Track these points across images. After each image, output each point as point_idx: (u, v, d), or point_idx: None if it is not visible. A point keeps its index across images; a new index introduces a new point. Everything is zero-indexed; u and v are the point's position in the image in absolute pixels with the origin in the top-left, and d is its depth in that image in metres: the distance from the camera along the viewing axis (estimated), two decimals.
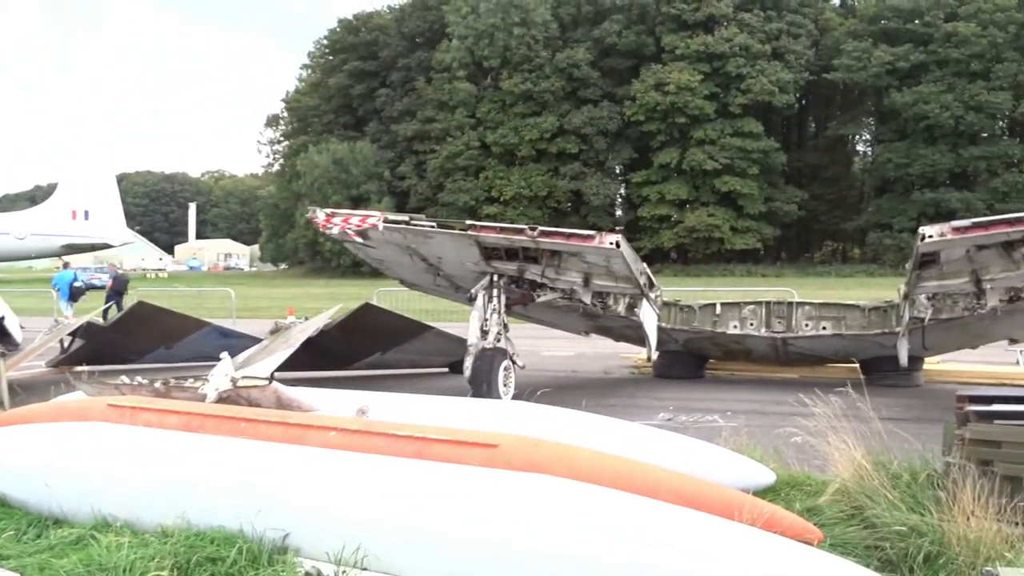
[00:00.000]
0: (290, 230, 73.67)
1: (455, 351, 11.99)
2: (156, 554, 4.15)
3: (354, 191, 66.04)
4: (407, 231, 9.17)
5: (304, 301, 31.91)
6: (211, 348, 12.81)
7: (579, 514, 4.03)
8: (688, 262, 64.26)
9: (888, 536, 4.21)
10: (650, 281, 10.09)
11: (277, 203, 77.92)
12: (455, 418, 5.86)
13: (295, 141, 77.92)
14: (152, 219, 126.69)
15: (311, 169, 67.27)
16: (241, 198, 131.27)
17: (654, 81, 62.47)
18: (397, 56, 73.27)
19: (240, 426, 5.60)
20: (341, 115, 76.78)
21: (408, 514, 4.31)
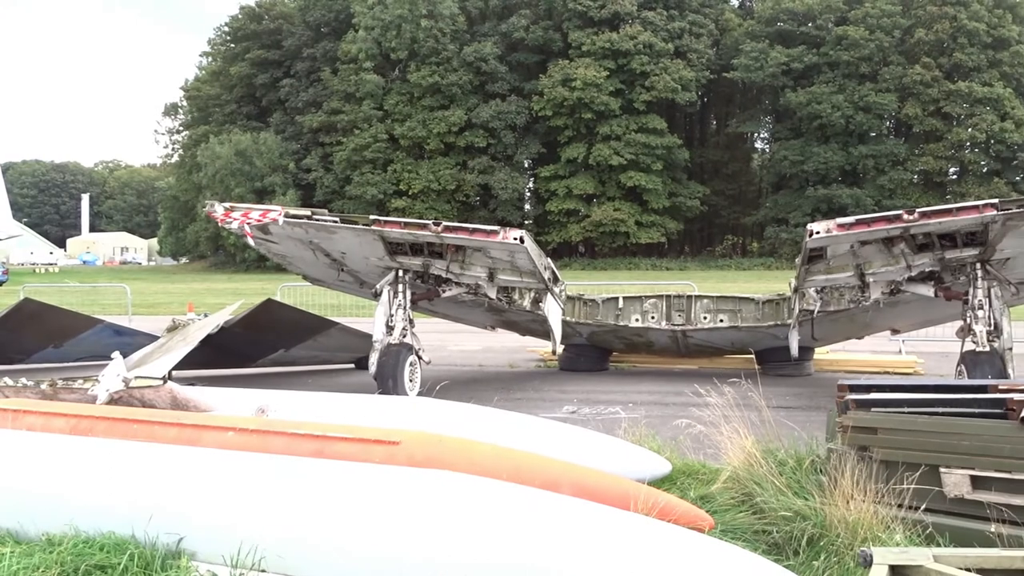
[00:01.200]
0: (191, 223, 71.20)
1: (360, 347, 11.88)
2: (41, 563, 3.99)
3: (258, 183, 64.36)
4: (309, 226, 9.02)
5: (206, 297, 31.00)
6: (104, 347, 12.29)
7: (479, 509, 4.08)
8: (595, 256, 65.29)
9: (775, 521, 4.41)
10: (554, 275, 10.23)
11: (177, 195, 75.19)
12: (358, 416, 5.83)
13: (195, 131, 75.26)
14: (41, 211, 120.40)
15: (212, 160, 65.17)
16: (138, 189, 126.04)
17: (561, 77, 63.09)
18: (302, 46, 71.61)
19: (132, 428, 5.43)
20: (244, 105, 74.62)
21: (308, 514, 4.27)
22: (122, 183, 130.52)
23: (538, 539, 3.70)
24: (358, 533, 4.00)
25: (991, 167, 63.48)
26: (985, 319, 8.26)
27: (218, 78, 76.53)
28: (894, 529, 4.08)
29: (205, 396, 6.20)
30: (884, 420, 4.63)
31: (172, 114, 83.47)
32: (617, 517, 3.89)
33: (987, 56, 61.32)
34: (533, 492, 4.22)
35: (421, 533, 3.90)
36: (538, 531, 3.76)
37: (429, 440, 4.89)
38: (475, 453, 4.74)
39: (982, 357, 8.06)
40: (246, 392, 6.59)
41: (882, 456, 4.53)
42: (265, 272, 52.87)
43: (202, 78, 79.53)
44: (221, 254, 69.66)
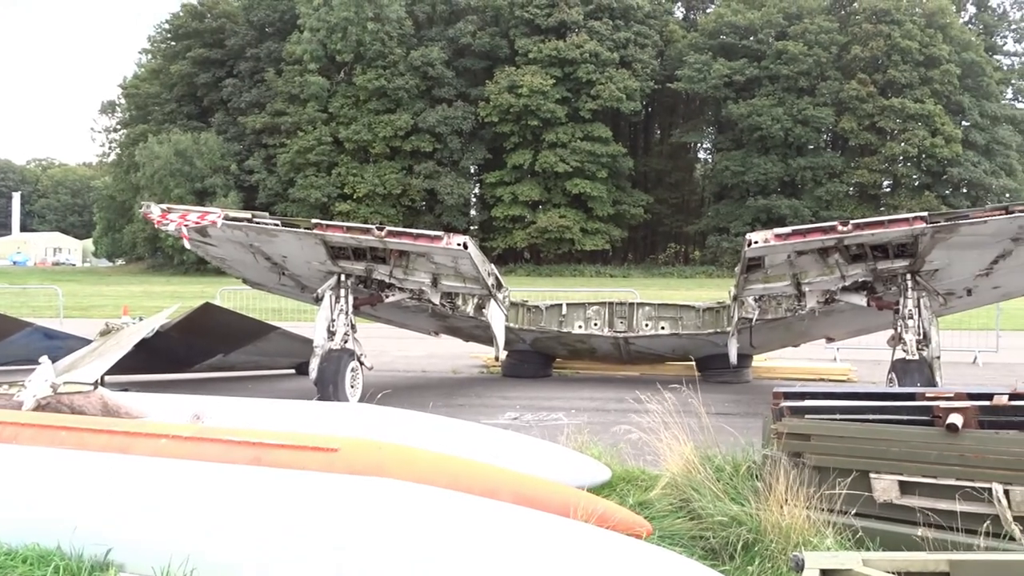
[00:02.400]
0: (128, 224, 69.31)
1: (301, 352, 11.69)
2: None
3: (198, 184, 63.10)
4: (249, 229, 8.87)
5: (143, 300, 30.24)
6: (34, 351, 11.88)
7: (418, 517, 4.05)
8: (540, 262, 65.59)
9: (711, 526, 4.48)
10: (498, 282, 10.24)
11: (113, 195, 73.18)
12: (296, 422, 5.75)
13: (133, 130, 73.36)
14: None
15: (151, 160, 63.62)
16: (72, 189, 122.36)
17: (507, 83, 63.30)
18: (245, 45, 70.48)
19: (60, 435, 5.26)
20: (184, 104, 73.05)
21: (244, 523, 4.19)
22: (56, 182, 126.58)
23: (477, 547, 3.70)
24: (296, 542, 3.94)
25: (922, 181, 65.66)
26: (915, 328, 8.53)
27: (158, 76, 74.81)
28: (825, 533, 4.17)
29: (137, 402, 6.04)
30: (817, 427, 4.73)
31: (109, 112, 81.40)
32: (556, 524, 3.91)
33: (919, 74, 63.47)
34: (473, 500, 4.21)
35: (360, 542, 3.86)
36: (477, 539, 3.76)
37: (369, 447, 4.85)
38: (415, 460, 4.71)
39: (911, 365, 8.31)
40: (181, 398, 6.44)
41: (815, 462, 4.63)
42: (205, 275, 51.82)
43: (141, 76, 77.65)
44: (159, 256, 68.02)
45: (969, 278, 9.14)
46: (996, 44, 75.08)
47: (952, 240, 7.98)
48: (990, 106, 66.75)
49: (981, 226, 7.67)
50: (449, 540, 3.81)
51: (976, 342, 15.14)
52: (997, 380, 10.98)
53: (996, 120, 66.98)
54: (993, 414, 4.38)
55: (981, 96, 66.43)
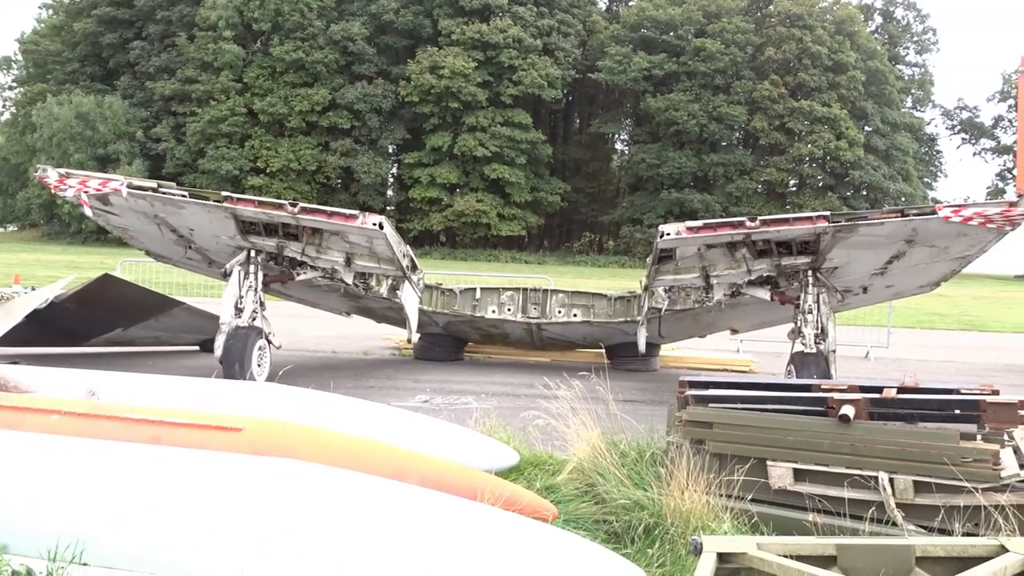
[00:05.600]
0: (22, 188, 65.73)
1: (206, 328, 11.36)
2: None
3: (100, 150, 60.37)
4: (155, 199, 8.53)
5: (37, 269, 28.80)
6: None
7: (323, 498, 4.01)
8: (456, 246, 65.43)
9: (615, 510, 4.57)
10: (413, 263, 10.16)
11: (7, 157, 69.17)
12: (198, 401, 5.58)
13: (31, 88, 69.48)
14: None
15: (50, 122, 60.46)
16: None
17: (429, 63, 62.70)
18: (156, 7, 67.56)
19: None
20: (88, 65, 69.64)
21: (142, 504, 4.05)
22: None
23: (382, 529, 3.69)
24: (197, 524, 3.84)
25: (826, 182, 68.42)
26: (814, 323, 8.88)
27: (59, 33, 71.05)
28: (723, 518, 4.32)
29: (27, 376, 5.76)
30: (719, 415, 4.88)
31: (5, 68, 76.88)
32: (463, 507, 3.93)
33: (827, 78, 65.94)
34: (379, 481, 4.19)
35: (264, 523, 3.79)
36: (383, 521, 3.74)
37: (273, 427, 4.76)
38: (321, 441, 4.65)
39: (809, 358, 8.66)
40: (75, 373, 6.16)
41: (715, 449, 4.78)
42: (106, 245, 49.68)
43: (41, 32, 73.59)
44: (56, 223, 64.88)
45: (865, 277, 9.57)
46: (899, 54, 78.67)
47: (851, 240, 8.33)
48: (891, 113, 70.09)
49: (878, 227, 8.04)
50: (355, 521, 3.78)
51: (869, 338, 15.91)
52: (887, 374, 11.54)
53: (896, 127, 70.40)
54: (882, 406, 4.60)
55: (883, 103, 69.61)
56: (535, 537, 3.61)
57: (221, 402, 5.52)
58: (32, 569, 3.59)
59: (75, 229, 60.25)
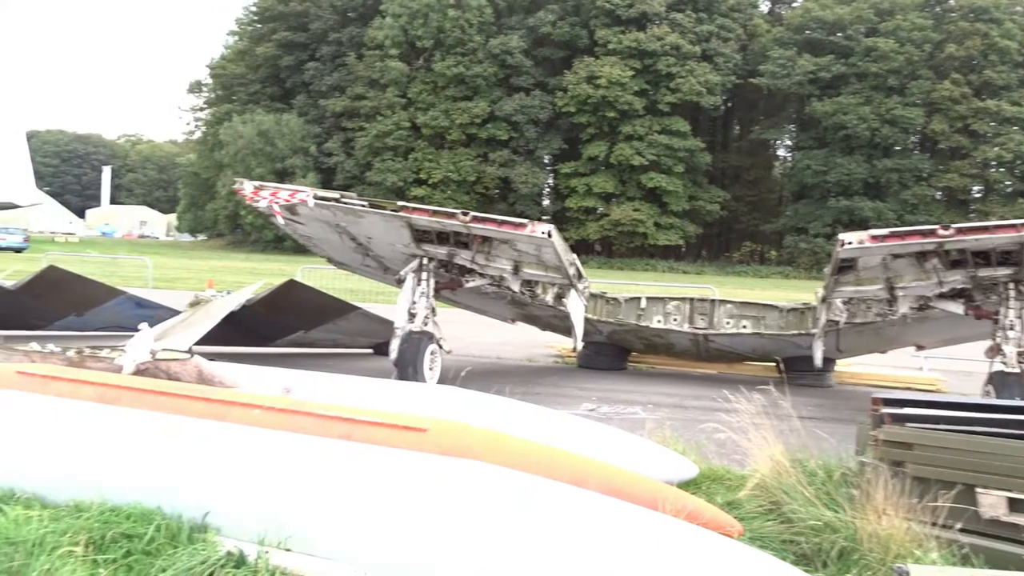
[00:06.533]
0: (210, 200, 71.52)
1: (380, 332, 11.87)
2: (68, 529, 3.98)
3: (279, 164, 64.55)
4: (337, 209, 9.00)
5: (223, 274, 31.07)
6: (126, 318, 12.34)
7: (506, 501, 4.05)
8: (612, 255, 65.13)
9: (804, 531, 4.36)
10: (579, 272, 10.18)
11: (198, 172, 75.53)
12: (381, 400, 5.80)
13: (219, 109, 75.57)
14: (63, 180, 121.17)
15: (235, 139, 65.39)
16: (159, 164, 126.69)
17: (586, 74, 62.92)
18: (328, 29, 71.74)
19: (159, 400, 5.42)
20: (268, 86, 74.80)
21: (335, 496, 4.26)
22: (144, 157, 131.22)
23: (567, 535, 3.67)
24: (384, 518, 3.98)
25: (1016, 187, 62.95)
26: (1016, 340, 8.16)
27: (244, 57, 76.77)
28: (928, 547, 4.02)
29: (230, 372, 6.20)
30: (919, 436, 4.56)
31: (196, 91, 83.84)
32: (648, 518, 3.86)
33: (1018, 75, 60.73)
34: (562, 487, 4.19)
35: (446, 521, 3.88)
36: (567, 527, 3.73)
37: (456, 429, 4.87)
38: (503, 444, 4.71)
39: (1011, 378, 7.96)
40: (270, 371, 6.58)
41: (916, 472, 4.46)
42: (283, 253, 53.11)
43: (228, 57, 79.78)
44: (239, 233, 69.97)
45: None
46: None
47: None
48: None
49: None
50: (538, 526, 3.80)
51: None
52: None
53: None
54: None
55: None
56: (726, 553, 3.50)
57: (401, 402, 5.72)
58: (244, 551, 3.85)
59: (255, 238, 64.73)
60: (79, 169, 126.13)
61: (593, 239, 64.99)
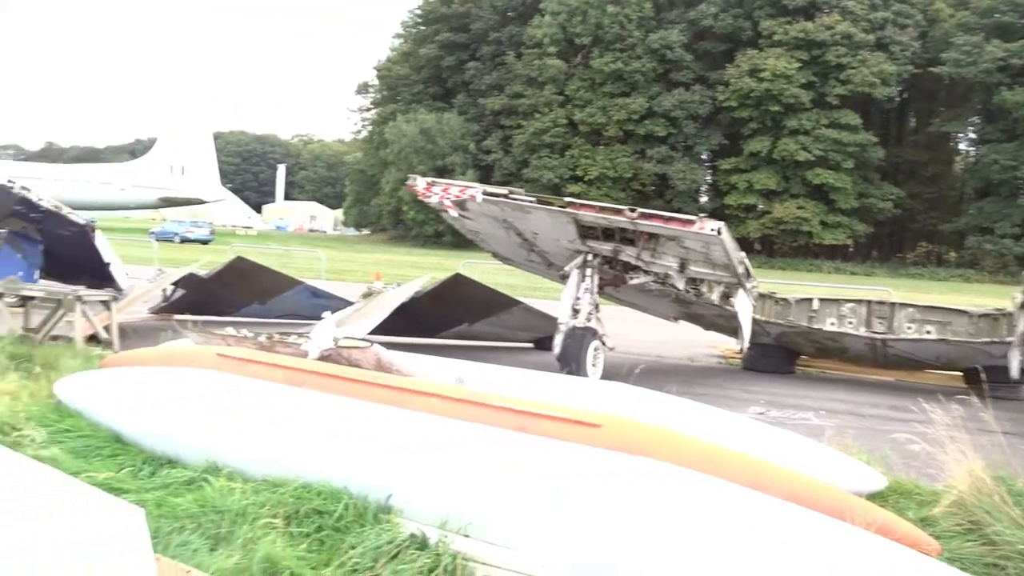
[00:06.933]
0: (375, 196, 74.82)
1: (541, 327, 11.99)
2: (267, 502, 4.25)
3: (439, 162, 66.54)
4: (505, 205, 9.15)
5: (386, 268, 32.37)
6: (302, 307, 13.13)
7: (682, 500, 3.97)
8: (773, 254, 62.71)
9: (1011, 556, 4.02)
10: (747, 271, 9.84)
11: (364, 169, 79.15)
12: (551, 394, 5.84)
13: (384, 109, 78.80)
14: (243, 178, 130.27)
15: (398, 138, 68.01)
16: (328, 162, 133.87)
17: (749, 67, 60.90)
18: (488, 29, 73.23)
19: (343, 384, 5.71)
20: (430, 85, 77.27)
21: (510, 486, 4.32)
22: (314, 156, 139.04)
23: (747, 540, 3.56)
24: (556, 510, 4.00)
25: None
26: None
27: (408, 59, 79.65)
28: None
29: (406, 361, 6.43)
30: None
31: (364, 93, 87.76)
32: (837, 528, 3.68)
33: None
34: (742, 491, 4.07)
35: (619, 517, 3.85)
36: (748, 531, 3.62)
37: (631, 426, 4.83)
38: (677, 443, 4.63)
39: None
40: (443, 361, 6.78)
41: None
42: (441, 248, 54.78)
43: (393, 59, 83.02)
44: (400, 228, 72.74)
45: None
46: None
47: None
48: None
49: None
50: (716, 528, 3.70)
51: None
52: None
53: None
54: None
55: None
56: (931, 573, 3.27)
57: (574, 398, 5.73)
58: (425, 534, 3.98)
59: (415, 233, 67.12)
60: (257, 167, 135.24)
61: (753, 237, 62.81)
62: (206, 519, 4.12)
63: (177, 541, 3.86)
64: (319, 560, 3.78)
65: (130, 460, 5.09)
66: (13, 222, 13.23)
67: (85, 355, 8.31)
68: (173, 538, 3.89)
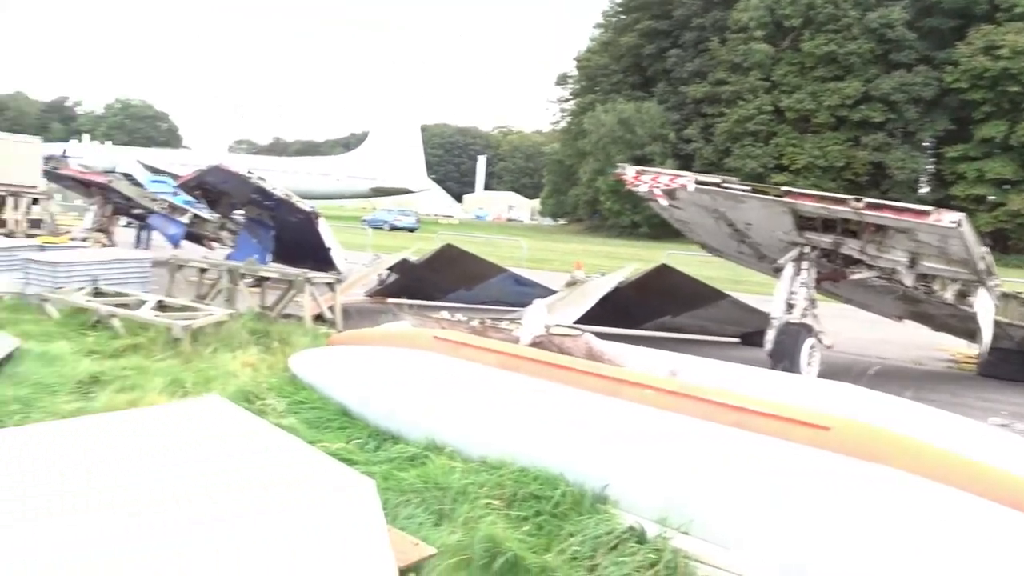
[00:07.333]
0: (572, 187, 75.35)
1: (749, 322, 11.53)
2: (485, 483, 4.34)
3: (637, 152, 65.80)
4: (717, 194, 8.82)
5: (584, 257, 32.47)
6: (507, 293, 13.42)
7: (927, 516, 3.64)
8: (1008, 251, 56.55)
9: None
10: (989, 268, 8.90)
11: (561, 159, 79.90)
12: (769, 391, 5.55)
13: (583, 100, 79.08)
14: (445, 169, 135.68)
15: (597, 128, 67.98)
16: (526, 153, 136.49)
17: (984, 44, 55.27)
18: (691, 15, 71.41)
19: (555, 371, 5.72)
20: (630, 75, 76.58)
21: (729, 485, 4.15)
22: (513, 147, 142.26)
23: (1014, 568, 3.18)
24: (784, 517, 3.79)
25: None
26: None
27: (607, 48, 79.38)
28: None
29: (618, 351, 6.36)
30: None
31: (563, 83, 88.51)
32: None
33: None
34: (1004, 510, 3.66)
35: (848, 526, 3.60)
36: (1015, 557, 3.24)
37: (864, 430, 4.48)
38: (920, 452, 4.23)
39: None
40: (655, 352, 6.64)
41: None
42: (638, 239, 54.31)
43: (593, 49, 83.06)
44: (596, 218, 72.81)
45: None
46: None
47: None
48: None
49: None
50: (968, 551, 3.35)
51: None
52: None
53: None
54: None
55: None
56: None
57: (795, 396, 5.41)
58: (644, 528, 3.89)
59: (611, 223, 66.93)
60: (459, 159, 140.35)
61: (984, 231, 57.08)
62: (429, 495, 4.26)
63: (404, 514, 4.02)
64: (538, 544, 3.80)
65: (357, 433, 5.39)
66: (250, 209, 14.50)
67: (313, 333, 8.95)
68: (400, 511, 4.06)
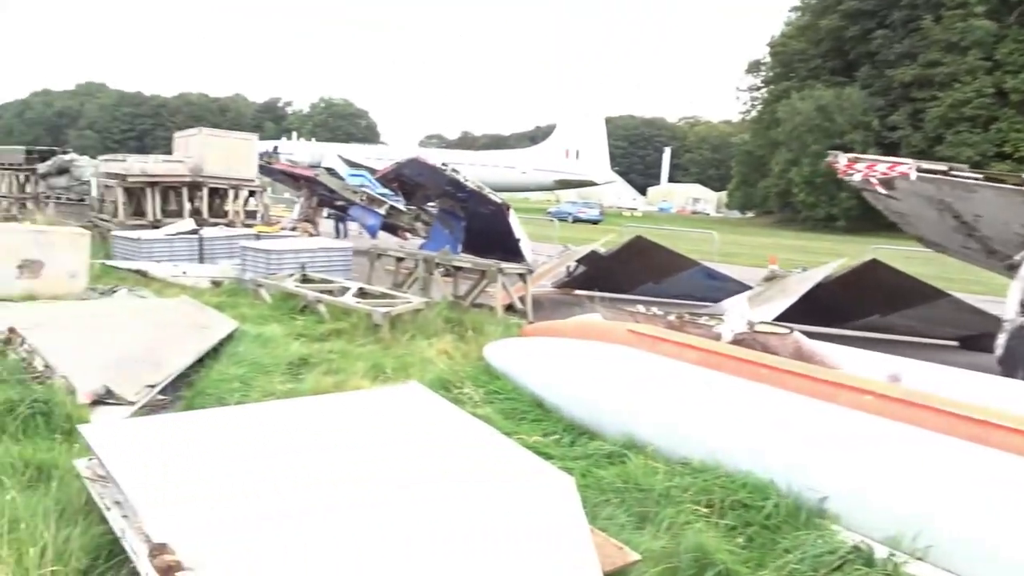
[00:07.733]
0: (762, 178, 72.23)
1: (971, 324, 10.46)
2: (689, 486, 4.11)
3: (836, 140, 61.83)
4: (944, 183, 8.00)
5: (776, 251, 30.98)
6: (698, 288, 12.95)
7: None
8: None
9: None
10: None
11: (751, 150, 76.77)
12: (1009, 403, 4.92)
13: (776, 87, 75.49)
14: (629, 161, 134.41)
15: (791, 116, 64.61)
16: (713, 144, 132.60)
17: None
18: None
19: (760, 372, 5.36)
20: (829, 59, 72.13)
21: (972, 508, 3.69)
22: (700, 138, 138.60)
23: None
24: None
25: None
26: None
27: (805, 32, 75.23)
28: None
29: (831, 352, 5.89)
30: None
31: (755, 71, 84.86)
32: None
33: None
34: None
35: None
36: None
37: None
38: None
39: None
40: (873, 355, 6.11)
41: None
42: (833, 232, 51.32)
43: (788, 33, 79.00)
44: (788, 211, 69.41)
45: None
46: None
47: None
48: None
49: None
50: None
51: None
52: None
53: None
54: None
55: None
56: None
57: None
58: (872, 549, 3.52)
59: (804, 216, 63.48)
60: (644, 151, 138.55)
61: None
62: (630, 496, 4.09)
63: (604, 514, 3.88)
64: (751, 558, 3.53)
65: (551, 426, 5.30)
66: (443, 201, 14.90)
67: (505, 323, 9.01)
68: (600, 510, 3.91)
